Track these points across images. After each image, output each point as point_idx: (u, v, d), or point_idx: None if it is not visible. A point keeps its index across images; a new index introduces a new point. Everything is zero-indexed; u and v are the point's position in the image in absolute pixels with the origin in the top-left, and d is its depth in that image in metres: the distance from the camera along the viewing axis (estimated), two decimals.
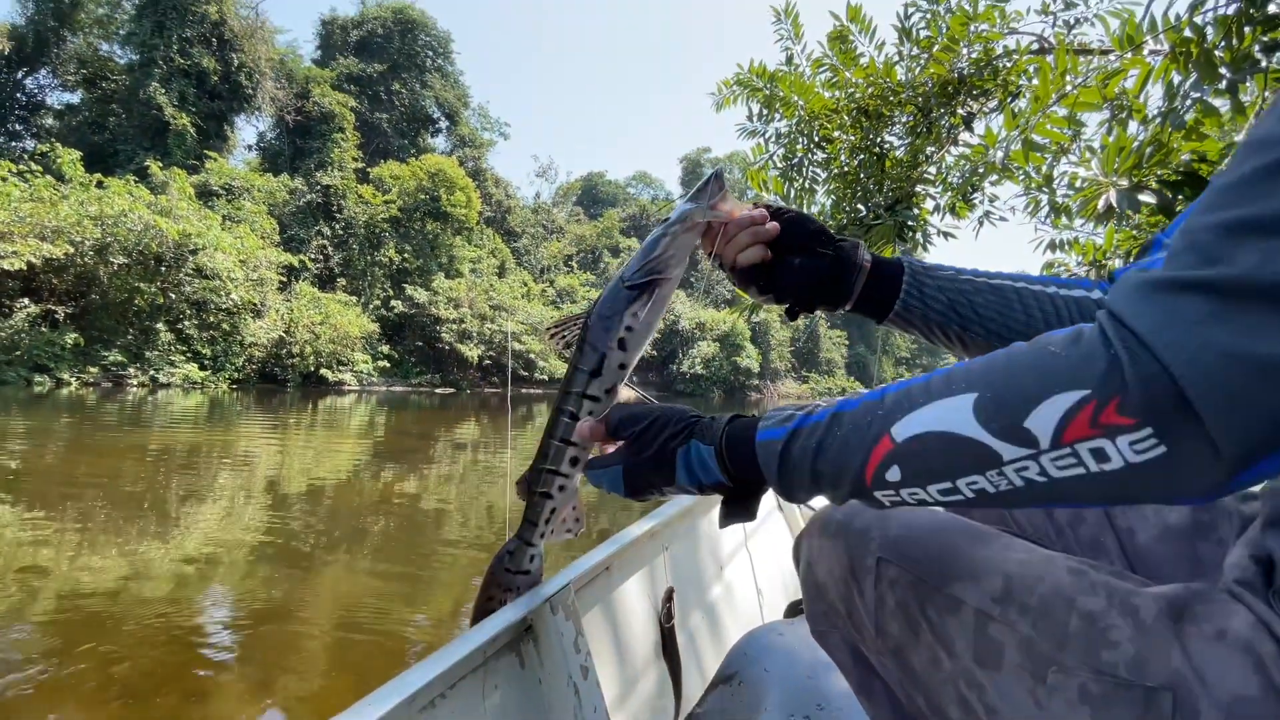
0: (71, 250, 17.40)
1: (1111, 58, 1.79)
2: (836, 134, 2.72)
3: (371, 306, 28.04)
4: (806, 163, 2.80)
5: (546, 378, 31.72)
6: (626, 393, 0.84)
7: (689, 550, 1.53)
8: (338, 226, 28.43)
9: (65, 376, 17.10)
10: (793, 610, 1.62)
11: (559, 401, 0.83)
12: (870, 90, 2.51)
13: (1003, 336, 0.74)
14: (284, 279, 24.21)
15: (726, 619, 1.55)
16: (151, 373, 18.98)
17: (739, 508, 0.65)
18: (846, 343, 56.79)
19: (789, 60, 2.66)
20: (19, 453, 8.02)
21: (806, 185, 2.79)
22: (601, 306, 0.82)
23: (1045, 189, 2.02)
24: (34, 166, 18.88)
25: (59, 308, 17.68)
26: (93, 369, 17.86)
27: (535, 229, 42.38)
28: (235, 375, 21.46)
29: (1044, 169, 2.02)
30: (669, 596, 1.20)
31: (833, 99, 2.64)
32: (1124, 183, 1.48)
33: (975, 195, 2.38)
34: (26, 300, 17.05)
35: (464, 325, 29.24)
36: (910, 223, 2.21)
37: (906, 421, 0.47)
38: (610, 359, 0.80)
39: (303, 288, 25.12)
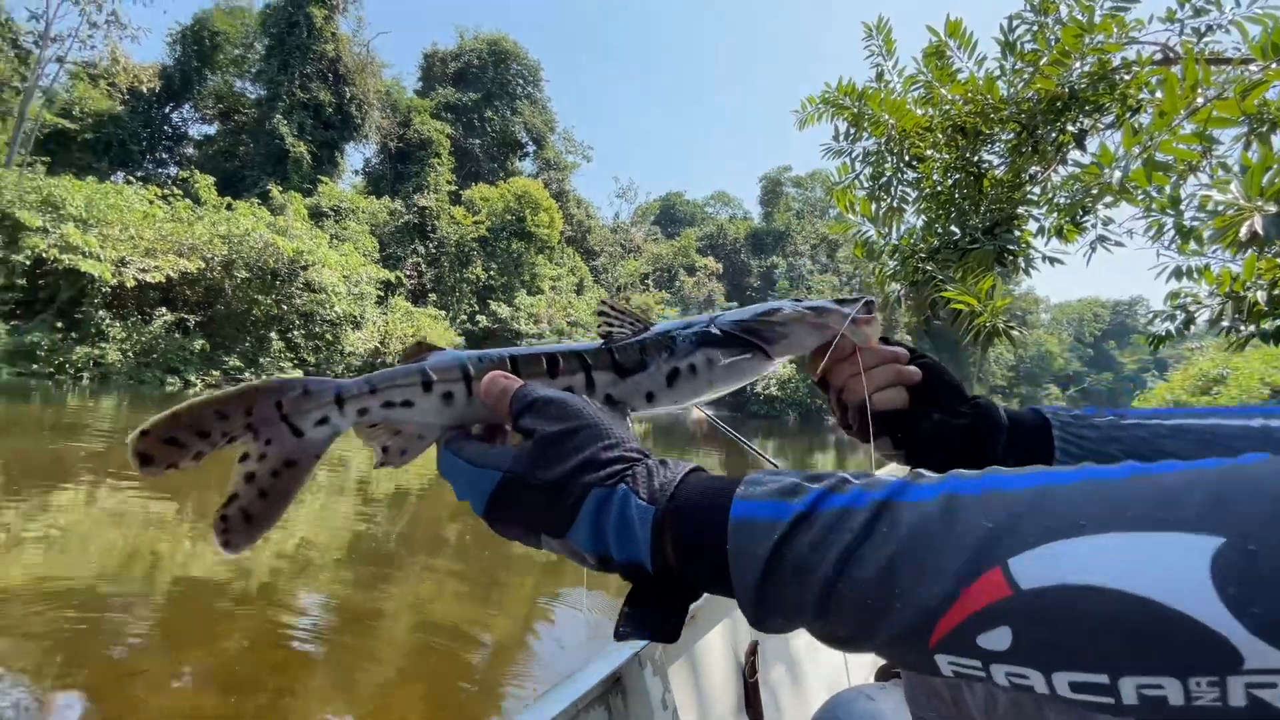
0: (203, 265, 19.37)
1: (1253, 68, 1.61)
2: (929, 152, 2.60)
3: (458, 321, 29.41)
4: (896, 182, 2.69)
5: None
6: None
7: None
8: (431, 245, 30.12)
9: (192, 378, 18.94)
10: (884, 674, 1.51)
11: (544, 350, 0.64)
12: (968, 107, 2.39)
13: None
14: (381, 294, 25.85)
15: (811, 676, 1.47)
16: (265, 376, 20.68)
17: (652, 616, 0.44)
18: None
19: (879, 77, 2.58)
20: None
21: (895, 205, 2.68)
22: (677, 326, 0.69)
23: (1170, 212, 1.83)
24: (176, 191, 21.25)
25: (190, 316, 19.67)
26: (215, 372, 19.69)
27: (613, 248, 43.19)
28: None
29: (1169, 189, 1.84)
30: (753, 650, 1.16)
31: (926, 116, 2.53)
32: (1271, 207, 1.32)
33: (1086, 218, 2.20)
34: (164, 309, 19.09)
35: (543, 340, 30.10)
36: (1011, 247, 2.06)
37: (1050, 555, 0.29)
38: (645, 378, 0.64)
39: (397, 302, 26.72)
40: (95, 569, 4.18)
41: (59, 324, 17.15)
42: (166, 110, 29.91)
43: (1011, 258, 2.10)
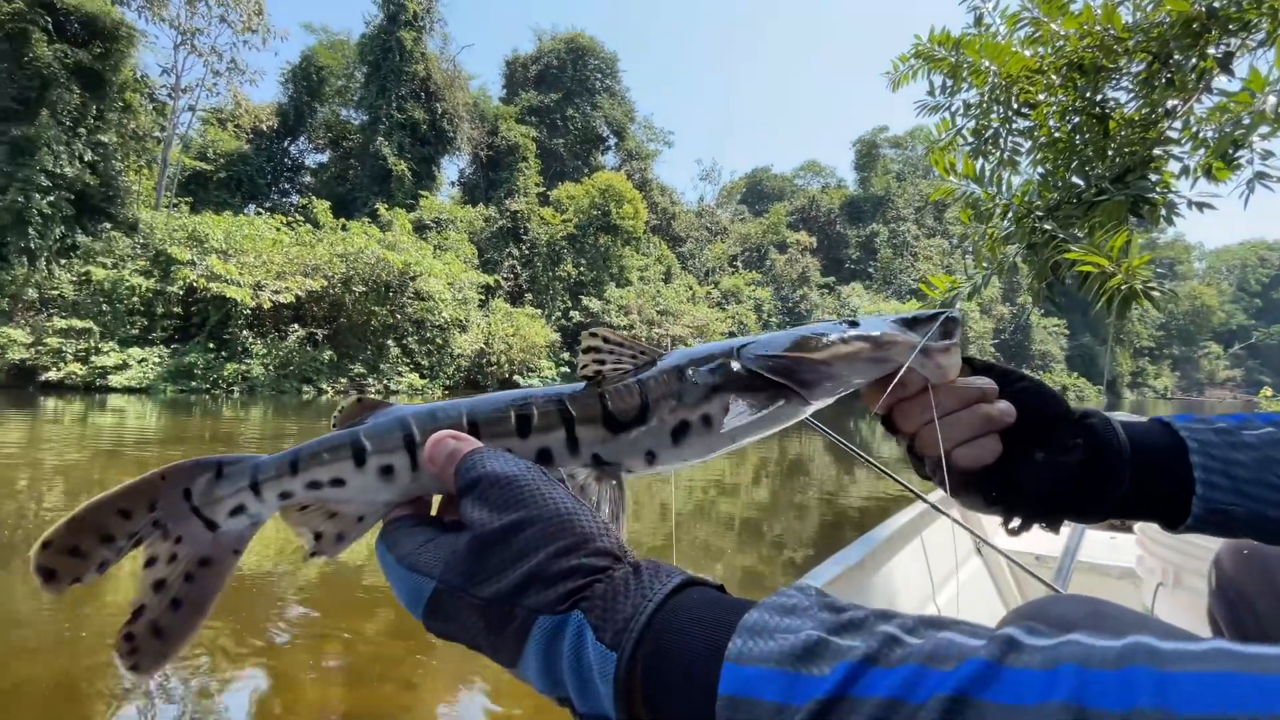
0: (325, 283, 21.28)
1: None
2: (1041, 97, 2.34)
3: (553, 318, 30.38)
4: (1004, 133, 2.44)
5: None
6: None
7: None
8: (524, 247, 31.26)
9: (324, 386, 20.90)
10: None
11: (519, 396, 0.52)
12: (1085, 41, 2.12)
13: None
14: (482, 297, 27.20)
15: None
16: (385, 382, 22.45)
17: None
18: (1066, 331, 48.49)
19: (977, 21, 2.34)
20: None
21: (1005, 158, 2.44)
22: (689, 359, 0.53)
23: None
24: (298, 217, 23.44)
25: (318, 330, 21.67)
26: (343, 379, 21.61)
27: (699, 232, 42.77)
28: (447, 382, 24.58)
29: None
30: None
31: (1035, 57, 2.27)
32: None
33: (1240, 153, 1.89)
34: (296, 325, 21.16)
35: (634, 331, 30.45)
36: (1149, 194, 1.81)
37: None
38: (646, 433, 0.51)
39: (497, 304, 28.02)
40: (249, 566, 4.72)
41: (210, 345, 19.48)
42: (285, 144, 32.93)
43: (1149, 207, 1.84)
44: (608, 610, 0.31)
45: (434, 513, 0.50)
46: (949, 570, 1.76)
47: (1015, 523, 0.55)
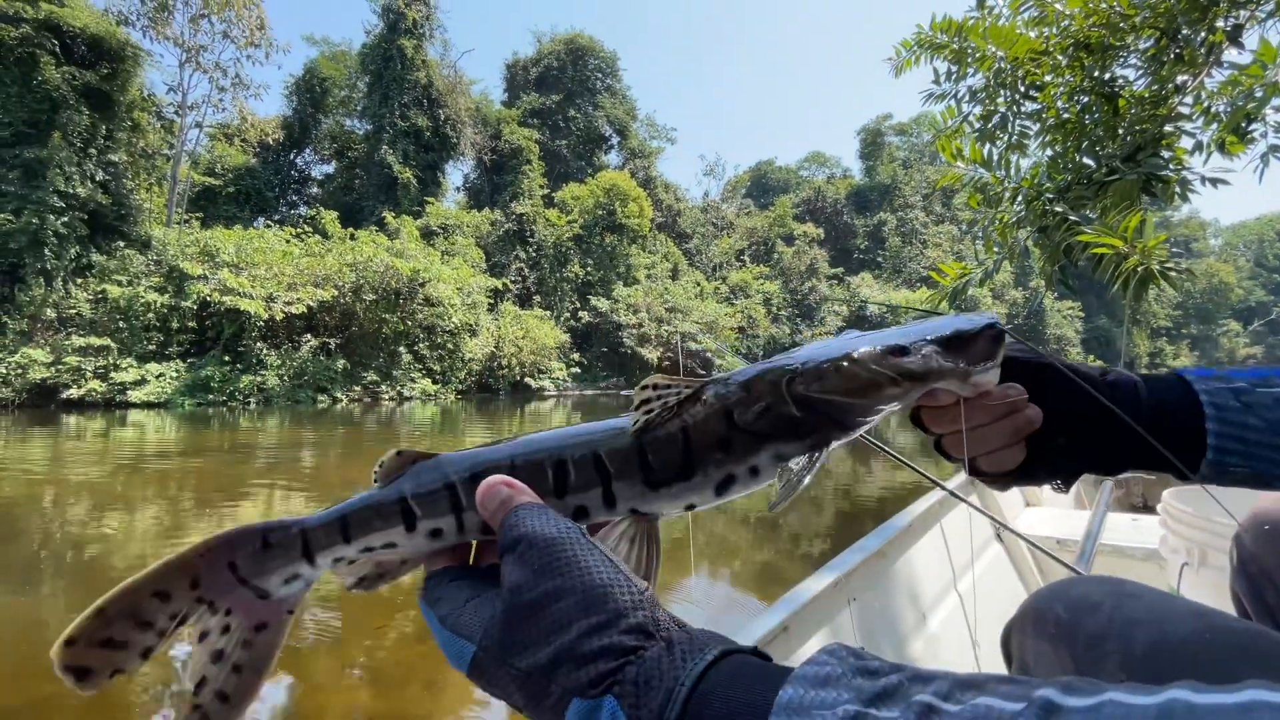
0: (336, 293, 21.46)
1: None
2: (1048, 78, 2.32)
3: (562, 319, 30.45)
4: (1011, 117, 2.42)
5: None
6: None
7: (880, 601, 1.35)
8: (530, 250, 31.35)
9: (339, 395, 21.09)
10: None
11: (571, 443, 0.52)
12: (1091, 20, 2.09)
13: None
14: (491, 301, 27.32)
15: None
16: (398, 388, 22.62)
17: None
18: (1082, 314, 47.79)
19: (980, 3, 2.32)
20: (312, 458, 10.05)
21: (1014, 141, 2.41)
22: (738, 400, 0.49)
23: None
24: (306, 229, 23.65)
25: (331, 340, 21.87)
26: (356, 388, 21.80)
27: (705, 228, 42.68)
28: (459, 387, 24.72)
29: None
30: None
31: (1040, 39, 2.25)
32: None
33: (1254, 126, 1.86)
34: (309, 335, 21.36)
35: (643, 330, 30.44)
36: (1161, 172, 1.78)
37: None
38: (687, 488, 0.50)
39: (506, 307, 28.12)
40: None
41: (226, 358, 19.72)
42: (291, 156, 33.22)
43: (1162, 185, 1.82)
44: (640, 697, 0.31)
45: (473, 558, 0.52)
46: (970, 556, 1.76)
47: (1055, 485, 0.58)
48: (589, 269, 31.90)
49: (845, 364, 0.49)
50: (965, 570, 1.67)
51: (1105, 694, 0.24)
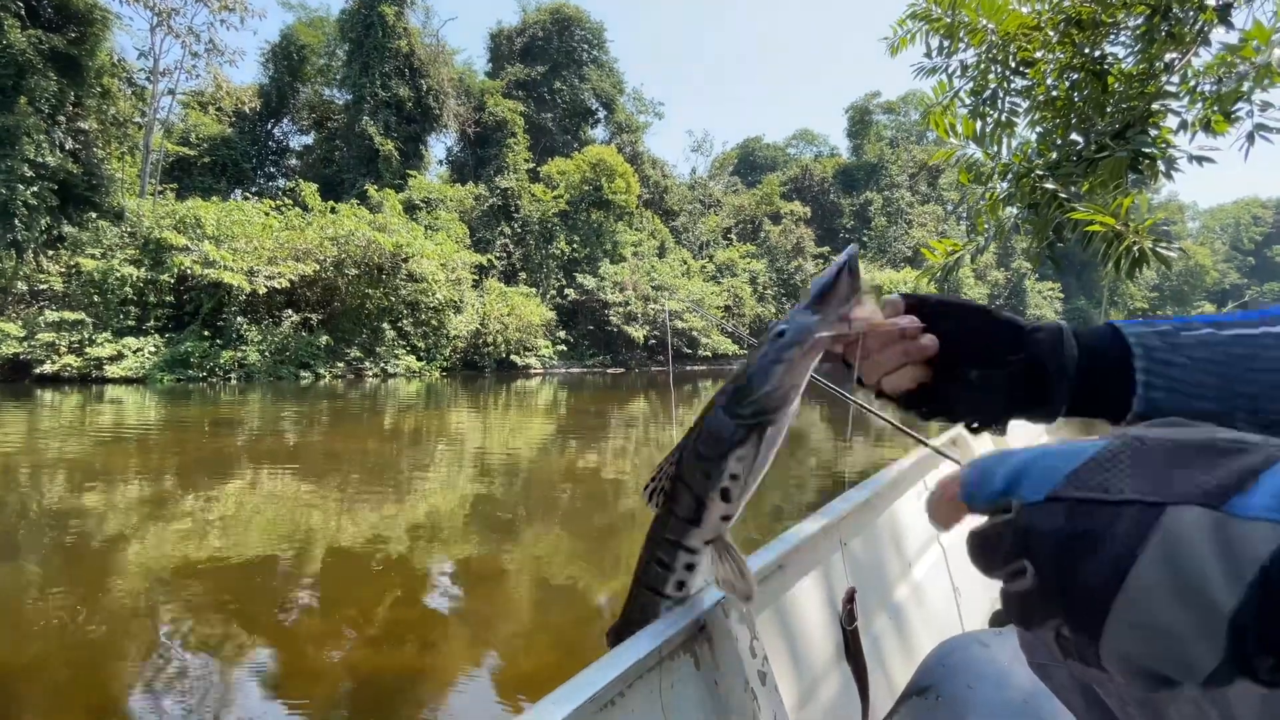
0: (318, 267, 21.07)
1: None
2: (1039, 54, 2.32)
3: (548, 296, 30.23)
4: (1001, 93, 2.43)
5: (710, 354, 31.96)
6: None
7: (870, 547, 1.41)
8: (516, 225, 30.96)
9: (321, 371, 20.86)
10: (1000, 619, 1.42)
11: (649, 545, 0.75)
12: None
13: None
14: (476, 277, 27.01)
15: (917, 624, 1.42)
16: (382, 365, 22.41)
17: None
18: (1061, 295, 48.57)
19: None
20: (295, 433, 9.98)
21: (1003, 119, 2.42)
22: (701, 441, 0.68)
23: None
24: (286, 201, 23.12)
25: (313, 315, 21.54)
26: (340, 364, 21.56)
27: (692, 205, 42.38)
28: (444, 364, 24.55)
29: None
30: (850, 597, 1.11)
31: (1032, 14, 2.25)
32: None
33: (1239, 106, 1.88)
34: (290, 311, 21.03)
35: (629, 308, 30.35)
36: (1148, 149, 1.81)
37: None
38: (711, 510, 0.69)
39: (491, 284, 27.84)
40: (258, 544, 4.77)
41: (205, 333, 19.36)
42: (269, 127, 32.30)
43: (1148, 162, 1.84)
44: None
45: None
46: None
47: (974, 426, 0.62)
48: (575, 245, 31.61)
49: (754, 369, 0.65)
50: None
51: None
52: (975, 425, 0.62)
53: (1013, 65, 2.30)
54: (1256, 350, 0.51)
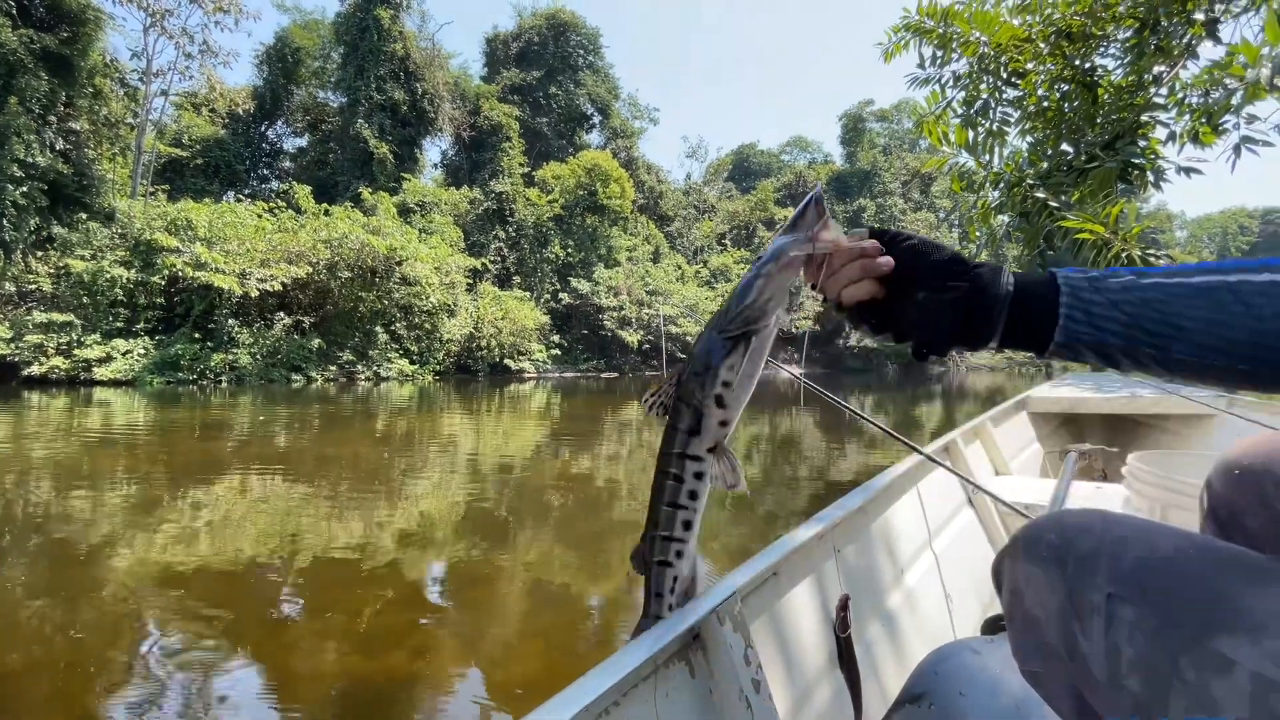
0: (311, 270, 20.98)
1: None
2: (1030, 66, 2.35)
3: (542, 300, 30.21)
4: (993, 103, 2.45)
5: None
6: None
7: (863, 554, 1.42)
8: (510, 229, 30.95)
9: (313, 374, 20.75)
10: (991, 626, 1.43)
11: (660, 463, 0.81)
12: (1074, 9, 2.12)
13: (1222, 351, 0.54)
14: (470, 281, 26.97)
15: (909, 631, 1.42)
16: (375, 368, 22.31)
17: None
18: None
19: None
20: (286, 437, 9.91)
21: (995, 129, 2.45)
22: (695, 361, 0.79)
23: None
24: (279, 203, 23.03)
25: (305, 318, 21.43)
26: (332, 367, 21.45)
27: (687, 211, 42.50)
28: (437, 368, 24.46)
29: None
30: (843, 605, 1.12)
31: (1023, 27, 2.28)
32: None
33: (1226, 118, 1.91)
34: (282, 314, 20.91)
35: (623, 312, 30.36)
36: (1137, 160, 1.83)
37: None
38: (709, 417, 0.77)
39: (485, 288, 27.80)
40: (247, 549, 4.73)
41: (196, 335, 19.21)
42: (262, 129, 32.20)
43: (1138, 173, 1.87)
44: None
45: None
46: (944, 518, 1.83)
47: (923, 352, 0.70)
48: (569, 250, 31.63)
49: (738, 289, 0.75)
50: (940, 530, 1.75)
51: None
52: (923, 351, 0.69)
53: (1004, 76, 2.32)
54: (1168, 297, 0.57)
